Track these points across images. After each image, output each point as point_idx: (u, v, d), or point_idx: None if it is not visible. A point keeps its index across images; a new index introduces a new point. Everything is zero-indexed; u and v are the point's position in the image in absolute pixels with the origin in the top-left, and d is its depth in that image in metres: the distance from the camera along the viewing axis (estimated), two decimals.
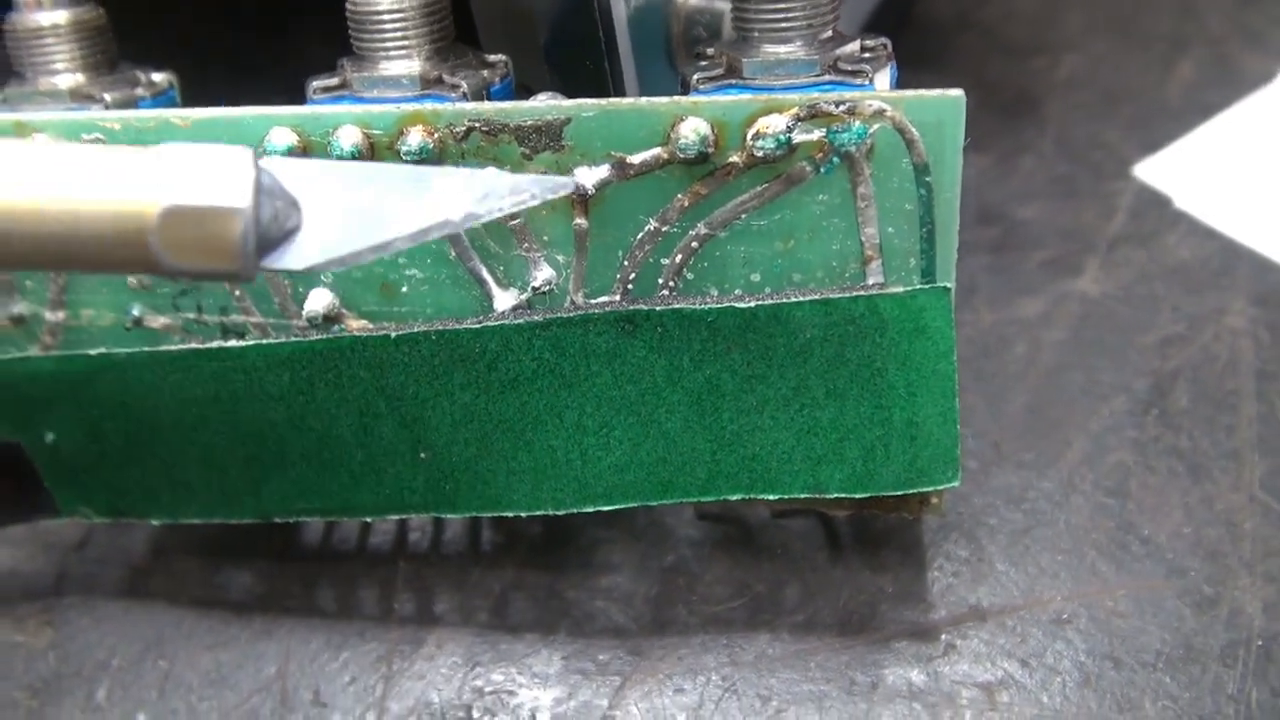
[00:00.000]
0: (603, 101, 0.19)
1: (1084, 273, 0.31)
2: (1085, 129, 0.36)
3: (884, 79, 0.20)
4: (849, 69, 0.19)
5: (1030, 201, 0.34)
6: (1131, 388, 0.27)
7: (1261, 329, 0.28)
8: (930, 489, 0.21)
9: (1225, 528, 0.24)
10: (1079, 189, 0.34)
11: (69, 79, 0.22)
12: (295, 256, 0.16)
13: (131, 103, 0.23)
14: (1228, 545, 0.23)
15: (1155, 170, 0.34)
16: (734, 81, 0.20)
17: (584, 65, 0.22)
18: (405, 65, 0.21)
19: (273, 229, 0.15)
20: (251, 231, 0.15)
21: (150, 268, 0.15)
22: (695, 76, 0.20)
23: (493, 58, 0.22)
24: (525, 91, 0.22)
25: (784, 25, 0.20)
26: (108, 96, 0.22)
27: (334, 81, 0.21)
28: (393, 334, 0.20)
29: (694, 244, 0.20)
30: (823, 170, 0.19)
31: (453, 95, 0.21)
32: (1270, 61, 0.38)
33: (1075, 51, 0.41)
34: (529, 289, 0.21)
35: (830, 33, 0.20)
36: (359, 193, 0.16)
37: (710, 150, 0.19)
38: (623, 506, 0.21)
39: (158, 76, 0.23)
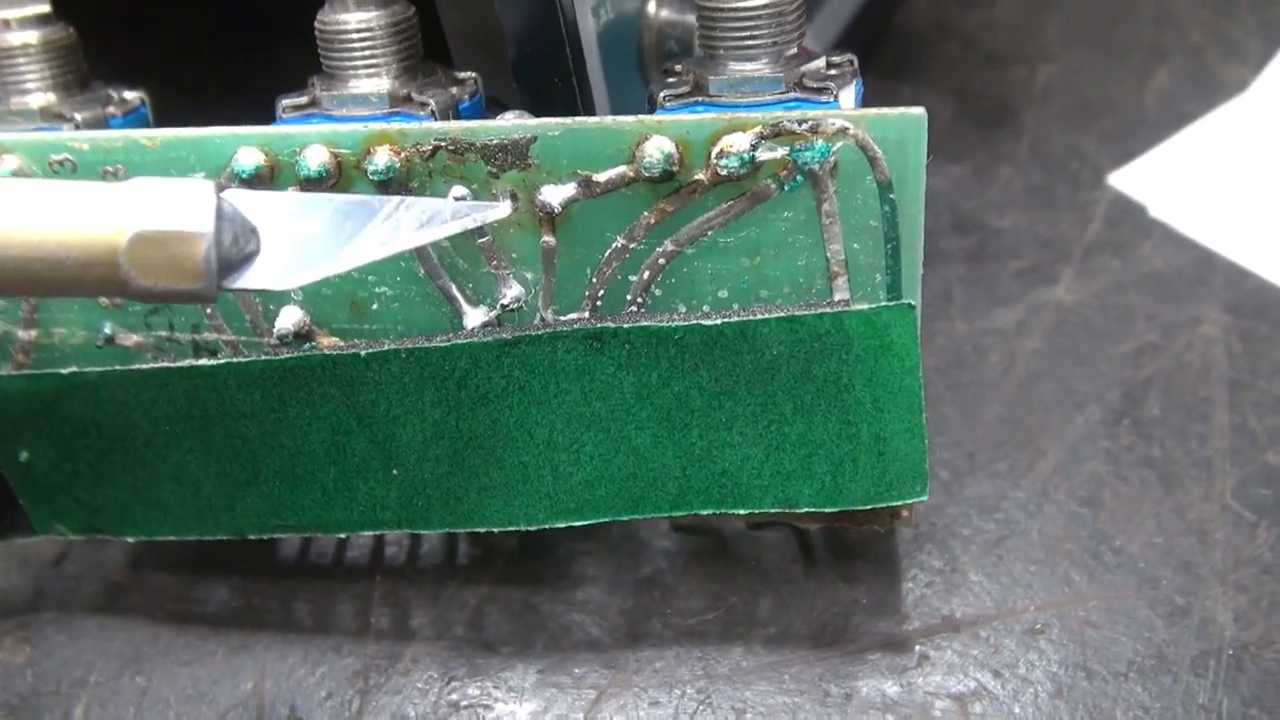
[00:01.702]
0: (568, 120, 0.19)
1: (1059, 282, 0.31)
2: (1062, 138, 0.37)
3: (849, 96, 0.20)
4: (814, 86, 0.19)
5: (1007, 211, 0.34)
6: (1105, 397, 0.27)
7: (1235, 338, 0.28)
8: (899, 503, 0.21)
9: (1197, 537, 0.24)
10: (1055, 198, 0.34)
11: (40, 98, 0.22)
12: (254, 278, 0.17)
13: (102, 121, 0.23)
14: (1199, 555, 0.23)
15: (1131, 179, 0.34)
16: (700, 99, 0.20)
17: (553, 83, 0.22)
18: (374, 83, 0.21)
19: (233, 252, 0.17)
20: (213, 253, 0.16)
21: (121, 289, 0.17)
22: (662, 94, 0.20)
23: (462, 75, 0.22)
24: (497, 105, 0.23)
25: (749, 43, 0.20)
26: (78, 116, 0.22)
27: (303, 100, 0.22)
28: (363, 352, 0.21)
29: (661, 261, 0.20)
30: (787, 188, 0.19)
31: (421, 113, 0.21)
32: (1246, 71, 0.38)
33: (1054, 61, 0.41)
34: (498, 306, 0.21)
35: (796, 50, 0.20)
36: (312, 219, 0.17)
37: (675, 169, 0.19)
38: (594, 522, 0.21)
39: (129, 94, 0.23)
